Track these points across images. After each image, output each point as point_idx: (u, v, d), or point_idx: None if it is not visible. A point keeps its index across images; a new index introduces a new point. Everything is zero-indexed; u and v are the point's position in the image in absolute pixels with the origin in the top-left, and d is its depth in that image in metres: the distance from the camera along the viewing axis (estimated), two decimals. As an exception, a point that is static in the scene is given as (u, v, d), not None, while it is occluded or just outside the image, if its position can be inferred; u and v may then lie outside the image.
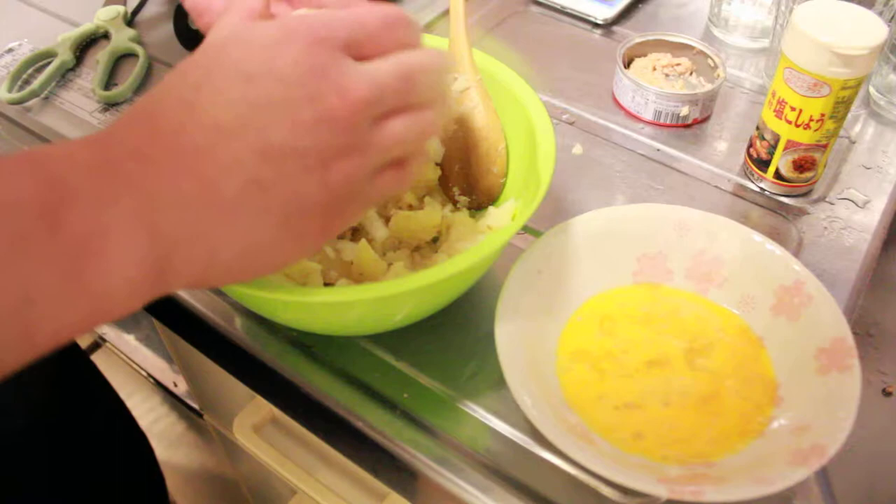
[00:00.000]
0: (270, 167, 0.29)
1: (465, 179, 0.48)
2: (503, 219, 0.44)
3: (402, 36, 0.33)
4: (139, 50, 0.66)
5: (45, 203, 0.25)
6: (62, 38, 0.66)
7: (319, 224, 0.32)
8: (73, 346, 0.63)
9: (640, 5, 0.73)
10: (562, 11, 0.72)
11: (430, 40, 0.49)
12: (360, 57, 0.32)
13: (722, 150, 0.58)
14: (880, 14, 0.54)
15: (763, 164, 0.53)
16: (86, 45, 0.68)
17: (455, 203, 0.48)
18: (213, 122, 0.29)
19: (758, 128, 0.53)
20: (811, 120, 0.49)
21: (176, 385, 0.85)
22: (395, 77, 0.32)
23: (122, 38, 0.67)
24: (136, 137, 0.28)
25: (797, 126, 0.49)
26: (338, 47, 0.31)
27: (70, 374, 0.62)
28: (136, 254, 0.27)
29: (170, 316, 0.51)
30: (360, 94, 0.30)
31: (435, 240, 0.47)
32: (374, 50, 0.32)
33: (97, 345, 0.91)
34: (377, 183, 0.33)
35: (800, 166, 0.52)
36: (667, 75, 0.61)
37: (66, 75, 0.65)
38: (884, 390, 0.54)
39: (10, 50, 0.68)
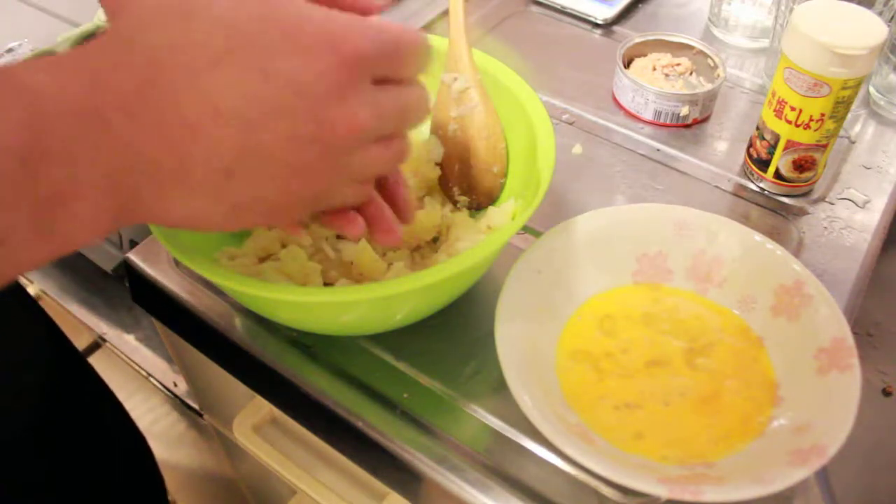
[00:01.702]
0: (246, 163, 0.29)
1: (465, 179, 0.48)
2: (503, 219, 0.44)
3: (420, 65, 0.33)
4: (139, 50, 0.65)
5: (27, 151, 0.25)
6: (62, 38, 0.66)
7: (266, 217, 0.33)
8: (70, 348, 0.63)
9: (640, 5, 0.73)
10: (562, 11, 0.72)
11: (431, 40, 0.49)
12: (376, 79, 0.31)
13: (722, 150, 0.58)
14: (880, 14, 0.54)
15: (763, 164, 0.53)
16: (86, 45, 0.68)
17: (455, 203, 0.48)
18: (212, 105, 0.28)
19: (758, 128, 0.53)
20: (811, 120, 0.49)
21: (176, 385, 0.85)
22: (393, 112, 0.32)
23: (122, 38, 0.67)
24: (129, 89, 0.27)
25: (797, 126, 0.49)
26: (367, 73, 0.30)
27: (67, 376, 0.62)
28: (102, 209, 0.28)
29: (170, 316, 0.52)
30: (361, 120, 0.30)
31: (435, 240, 0.47)
32: (390, 75, 0.32)
33: (97, 345, 0.91)
34: (346, 192, 0.34)
35: (800, 166, 0.52)
36: (667, 75, 0.61)
37: (66, 75, 0.65)
38: (884, 390, 0.54)
39: (10, 50, 0.68)
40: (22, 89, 0.26)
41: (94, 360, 0.87)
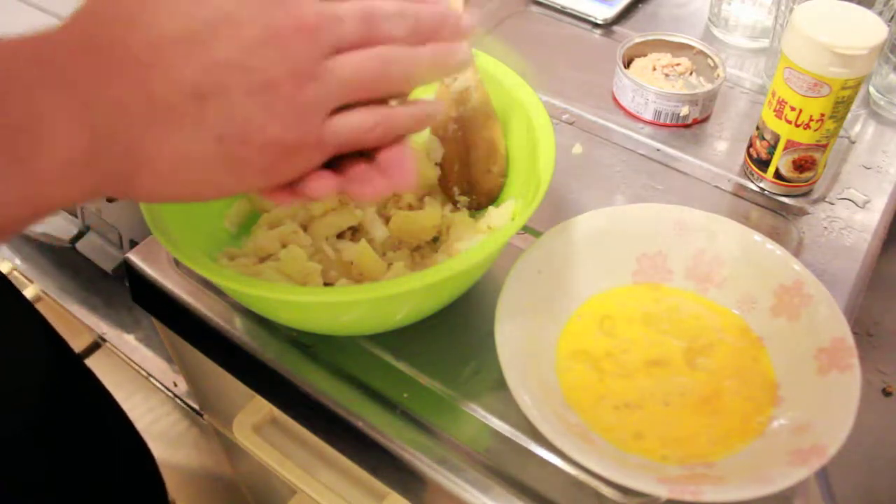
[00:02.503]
0: (211, 81, 0.29)
1: (465, 179, 0.48)
2: (503, 219, 0.44)
3: None
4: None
5: None
6: (62, 38, 0.66)
7: (261, 156, 0.31)
8: (67, 350, 0.63)
9: (640, 5, 0.73)
10: (562, 11, 0.72)
11: None
12: None
13: (722, 150, 0.58)
14: (880, 14, 0.54)
15: (763, 164, 0.53)
16: (86, 45, 0.68)
17: (455, 203, 0.48)
18: (157, 34, 0.28)
19: (758, 128, 0.53)
20: (811, 120, 0.49)
21: (176, 385, 0.85)
22: (354, 14, 0.31)
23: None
24: (79, 40, 0.28)
25: (797, 126, 0.49)
26: None
27: (66, 377, 0.62)
28: (68, 141, 0.27)
29: (170, 316, 0.52)
30: (311, 18, 0.30)
31: (435, 240, 0.47)
32: None
33: (97, 345, 0.91)
34: (336, 122, 0.32)
35: (800, 166, 0.52)
36: (667, 75, 0.61)
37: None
38: (884, 390, 0.55)
39: (10, 50, 0.68)
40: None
41: (94, 360, 0.88)
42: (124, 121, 0.28)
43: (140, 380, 0.89)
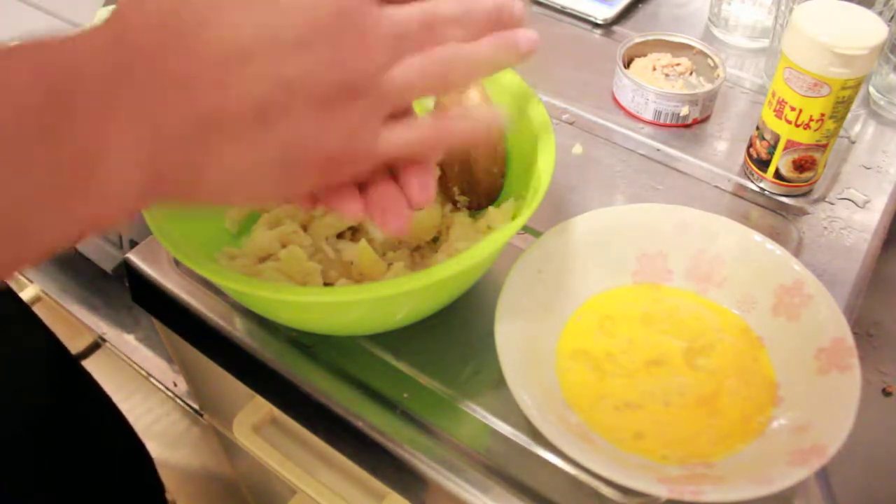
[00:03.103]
0: (276, 97, 0.28)
1: (465, 179, 0.48)
2: (503, 219, 0.44)
3: None
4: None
5: (46, 115, 0.25)
6: (62, 38, 0.66)
7: (317, 167, 0.31)
8: (65, 352, 0.63)
9: (640, 5, 0.73)
10: (562, 11, 0.72)
11: None
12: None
13: (722, 150, 0.58)
14: (880, 14, 0.54)
15: (763, 164, 0.53)
16: (86, 45, 0.68)
17: (455, 203, 0.48)
18: (223, 49, 0.27)
19: (758, 128, 0.53)
20: (811, 120, 0.49)
21: (176, 385, 0.85)
22: (417, 22, 0.30)
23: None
24: (144, 58, 0.27)
25: (797, 126, 0.49)
26: None
27: (65, 378, 0.62)
28: (134, 167, 0.27)
29: (170, 316, 0.51)
30: (376, 34, 0.29)
31: (435, 240, 0.47)
32: None
33: (97, 345, 0.91)
34: (392, 136, 0.32)
35: (800, 166, 0.52)
36: (667, 75, 0.61)
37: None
38: (884, 390, 0.54)
39: (10, 50, 0.68)
40: (42, 49, 0.26)
41: (94, 360, 0.88)
42: (190, 140, 0.28)
43: (140, 380, 0.89)
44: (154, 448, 0.75)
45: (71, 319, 0.88)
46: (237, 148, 0.29)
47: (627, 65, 0.62)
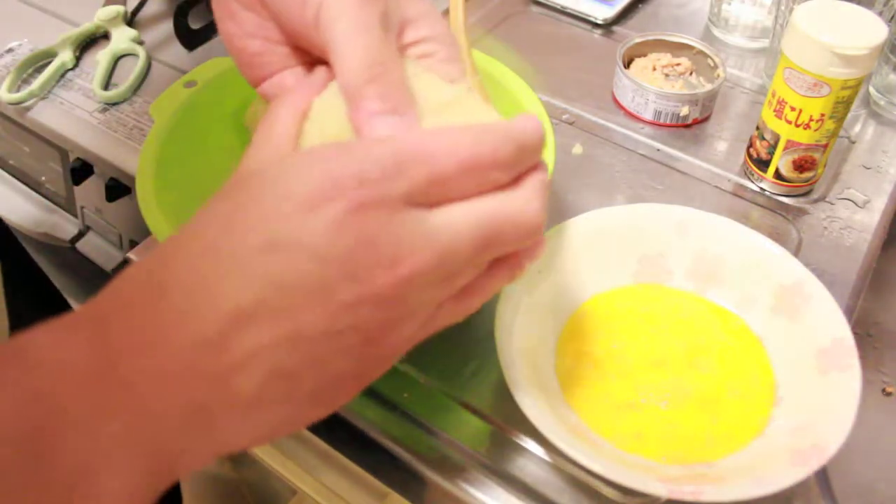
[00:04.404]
0: (298, 355, 0.24)
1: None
2: (503, 219, 0.44)
3: (496, 178, 0.26)
4: (139, 50, 0.66)
5: (30, 429, 0.21)
6: (62, 38, 0.66)
7: (352, 386, 0.28)
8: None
9: (640, 5, 0.73)
10: (562, 11, 0.72)
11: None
12: (436, 198, 0.25)
13: (722, 150, 0.58)
14: (880, 14, 0.54)
15: (763, 164, 0.53)
16: (86, 45, 0.68)
17: (455, 203, 0.48)
18: (231, 305, 0.23)
19: (758, 128, 0.53)
20: (811, 120, 0.49)
21: (176, 385, 0.85)
22: (471, 238, 0.25)
23: (122, 37, 0.67)
24: (138, 327, 0.23)
25: (797, 126, 0.49)
26: (396, 203, 0.24)
27: None
28: (131, 479, 0.23)
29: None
30: (416, 265, 0.24)
31: (435, 240, 0.47)
32: (453, 193, 0.25)
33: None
34: (416, 336, 0.29)
35: (800, 166, 0.52)
36: (667, 75, 0.61)
37: (65, 75, 0.65)
38: (884, 390, 0.54)
39: (10, 50, 0.68)
40: (27, 364, 0.22)
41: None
42: (193, 429, 0.24)
43: (140, 380, 0.89)
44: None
45: (71, 319, 0.88)
46: (260, 412, 0.25)
47: (627, 65, 0.62)
